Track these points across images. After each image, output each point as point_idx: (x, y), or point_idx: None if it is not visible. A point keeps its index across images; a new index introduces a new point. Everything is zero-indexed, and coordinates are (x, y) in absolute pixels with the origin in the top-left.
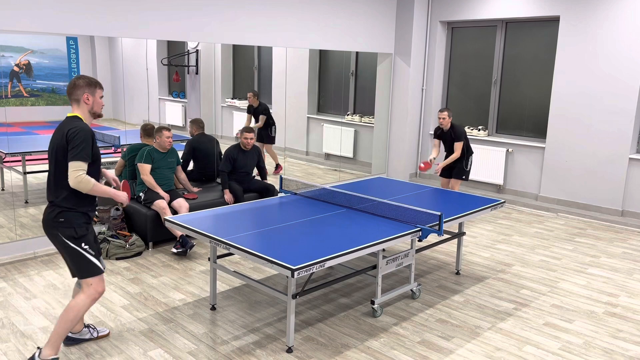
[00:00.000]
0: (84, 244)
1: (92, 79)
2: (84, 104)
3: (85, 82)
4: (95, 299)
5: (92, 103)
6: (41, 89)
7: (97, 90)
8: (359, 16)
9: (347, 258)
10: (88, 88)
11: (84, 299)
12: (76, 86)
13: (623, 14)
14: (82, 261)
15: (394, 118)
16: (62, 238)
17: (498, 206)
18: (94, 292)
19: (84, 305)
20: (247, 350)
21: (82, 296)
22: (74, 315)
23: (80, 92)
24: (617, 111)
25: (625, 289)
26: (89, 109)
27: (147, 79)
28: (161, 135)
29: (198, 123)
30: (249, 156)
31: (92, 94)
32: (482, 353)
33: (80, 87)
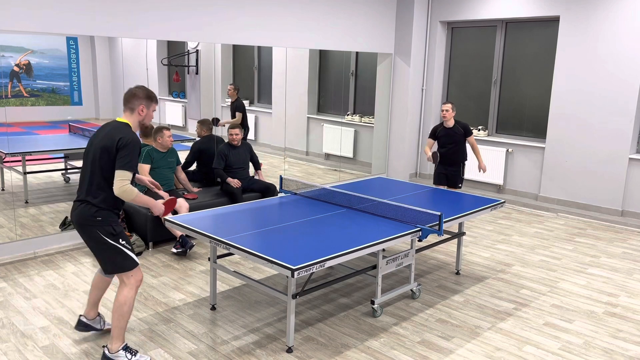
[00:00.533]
0: (121, 240)
1: (151, 92)
2: (138, 114)
3: (144, 94)
4: (139, 286)
5: (145, 115)
6: (41, 89)
7: (153, 104)
8: (359, 16)
9: (347, 258)
10: (146, 100)
11: (130, 291)
12: (135, 96)
13: (623, 14)
14: (121, 256)
15: (394, 118)
16: (101, 235)
17: (498, 206)
18: (135, 282)
19: (132, 297)
20: (247, 350)
21: (126, 289)
22: (128, 308)
23: (137, 102)
24: (617, 111)
25: (625, 289)
26: (140, 120)
27: (147, 79)
28: (162, 135)
29: (207, 124)
30: (241, 152)
31: (148, 107)
32: (482, 353)
33: (139, 97)
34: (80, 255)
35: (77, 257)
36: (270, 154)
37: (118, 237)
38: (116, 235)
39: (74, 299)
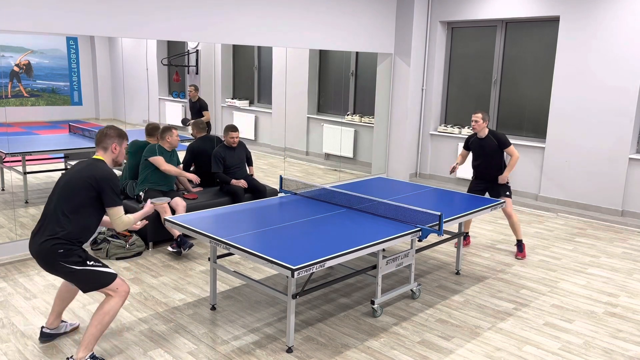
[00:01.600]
0: (88, 262)
1: (121, 130)
2: (111, 152)
3: (116, 133)
4: (126, 297)
5: (117, 153)
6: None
7: (124, 141)
8: (359, 16)
9: (347, 258)
10: (118, 139)
11: (117, 301)
12: (107, 135)
13: (623, 14)
14: (95, 276)
15: (394, 118)
16: (67, 266)
17: (498, 206)
18: (123, 293)
19: (117, 308)
20: (247, 350)
21: (114, 299)
22: (109, 318)
23: (110, 141)
24: (617, 111)
25: (625, 289)
26: (114, 157)
27: (147, 79)
28: (172, 135)
29: (199, 125)
30: (237, 152)
31: (120, 144)
32: (482, 353)
33: (111, 136)
34: None
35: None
36: (270, 154)
37: (85, 260)
38: (82, 260)
39: (74, 299)
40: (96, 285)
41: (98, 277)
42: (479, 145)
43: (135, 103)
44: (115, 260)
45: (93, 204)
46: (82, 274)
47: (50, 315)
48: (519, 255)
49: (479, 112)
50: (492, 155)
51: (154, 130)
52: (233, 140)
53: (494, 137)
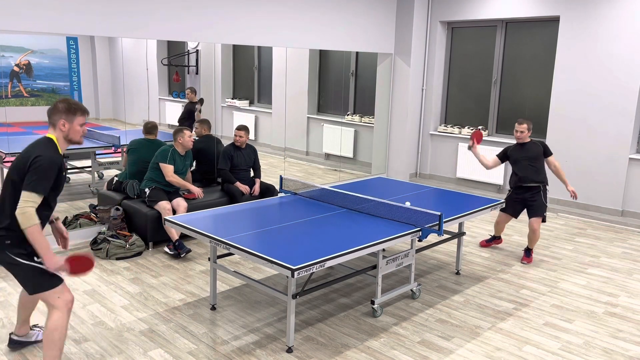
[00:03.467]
0: (36, 257)
1: (73, 104)
2: (60, 129)
3: (64, 108)
4: (70, 308)
5: (67, 130)
6: (41, 89)
7: (77, 117)
8: (359, 16)
9: (347, 258)
10: (66, 114)
11: (60, 315)
12: (55, 110)
13: (623, 14)
14: (39, 275)
15: (394, 118)
16: (12, 257)
17: (498, 206)
18: (64, 304)
19: (63, 322)
20: (247, 350)
21: (57, 313)
22: (59, 334)
23: (57, 117)
24: (617, 111)
25: (625, 289)
26: (64, 135)
27: (147, 79)
28: (183, 136)
29: (208, 124)
30: (245, 154)
31: (69, 120)
32: (482, 353)
33: (59, 111)
34: None
35: None
36: (270, 154)
37: (31, 256)
38: (29, 255)
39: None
40: (38, 286)
41: (41, 276)
42: (522, 149)
43: (135, 103)
44: (115, 260)
45: None
46: (26, 269)
47: (17, 323)
48: (525, 259)
49: (525, 122)
50: (536, 158)
51: (153, 128)
52: (237, 139)
53: (538, 143)
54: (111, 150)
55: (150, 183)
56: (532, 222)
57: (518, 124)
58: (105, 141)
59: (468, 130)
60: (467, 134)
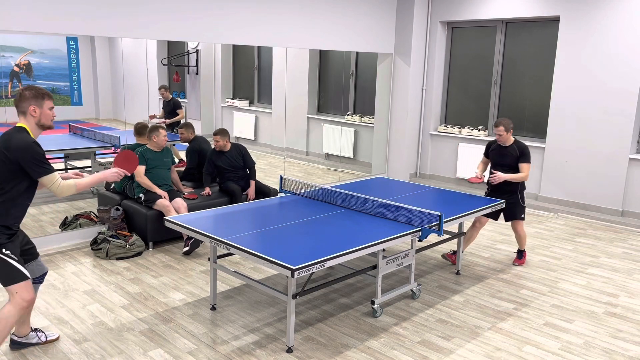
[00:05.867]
0: (4, 250)
1: (40, 89)
2: (31, 116)
3: (31, 94)
4: (24, 307)
5: (39, 115)
6: None
7: (45, 101)
8: (359, 16)
9: (347, 258)
10: (35, 100)
11: (10, 309)
12: (22, 97)
13: (623, 14)
14: (4, 267)
15: (394, 118)
16: None
17: (498, 206)
18: (20, 301)
19: (11, 316)
20: (247, 350)
21: (8, 306)
22: (3, 326)
23: (26, 104)
24: (617, 111)
25: (625, 289)
26: (36, 122)
27: (147, 79)
28: (159, 135)
29: (192, 127)
30: (229, 156)
31: (39, 105)
32: (482, 353)
33: (27, 98)
34: (80, 256)
35: (77, 257)
36: (270, 154)
37: (1, 247)
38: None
39: (73, 299)
40: (2, 279)
41: (5, 268)
42: (499, 154)
43: (135, 103)
44: (115, 260)
45: (14, 177)
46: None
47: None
48: (517, 261)
49: (501, 123)
50: (511, 166)
51: (142, 129)
52: (217, 144)
53: (517, 148)
54: (111, 150)
55: (142, 188)
56: (513, 224)
57: (495, 127)
58: (105, 141)
59: (468, 130)
60: (467, 134)
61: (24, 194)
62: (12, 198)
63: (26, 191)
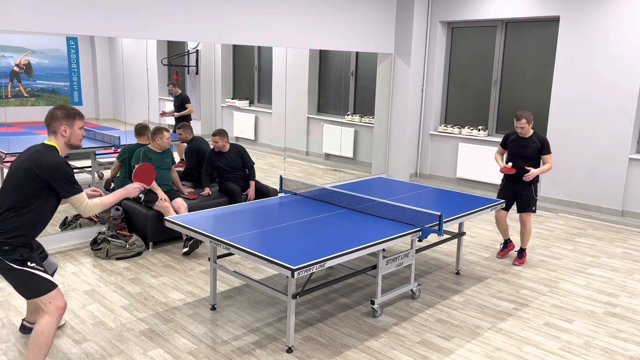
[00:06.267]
0: (29, 263)
1: (71, 109)
2: (62, 135)
3: (63, 114)
4: (61, 315)
5: (69, 135)
6: (41, 89)
7: (76, 121)
8: (359, 16)
9: (347, 258)
10: (66, 120)
11: (49, 320)
12: (54, 117)
13: (623, 14)
14: (33, 280)
15: (394, 118)
16: (6, 262)
17: (498, 206)
18: (55, 309)
19: (51, 327)
20: (247, 350)
21: (46, 317)
22: (45, 339)
23: (57, 124)
24: (617, 111)
25: (625, 289)
26: (66, 141)
27: (147, 79)
28: (162, 137)
29: (190, 127)
30: (228, 156)
31: (70, 126)
32: (482, 353)
33: (58, 118)
34: (80, 256)
35: (77, 257)
36: (270, 154)
37: (25, 261)
38: (23, 261)
39: (73, 299)
40: (31, 291)
41: (34, 281)
42: (519, 146)
43: (136, 103)
44: (115, 260)
45: (41, 195)
46: (19, 274)
47: (27, 311)
48: (517, 261)
49: (522, 116)
50: (531, 157)
51: (143, 129)
52: (215, 145)
53: (538, 140)
54: (111, 150)
55: None
56: (523, 215)
57: (516, 120)
58: (105, 141)
59: (468, 130)
60: (467, 134)
61: (48, 211)
62: (35, 214)
63: (50, 209)
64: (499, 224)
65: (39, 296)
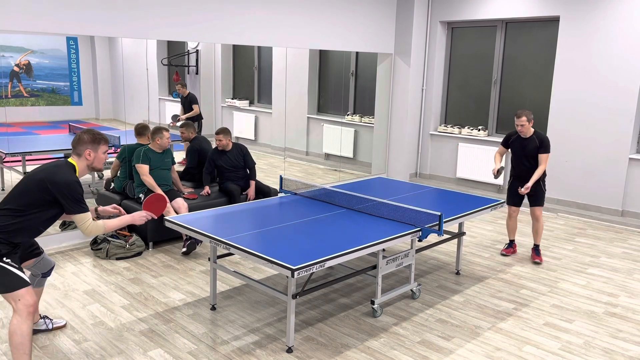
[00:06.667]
0: (5, 258)
1: (97, 135)
2: (85, 159)
3: (89, 139)
4: (31, 312)
5: (93, 159)
6: (41, 89)
7: (101, 146)
8: (359, 16)
9: (347, 258)
10: (92, 145)
11: (19, 319)
12: (80, 141)
13: (623, 14)
14: (4, 275)
15: (394, 118)
16: None
17: (498, 206)
18: (24, 307)
19: (23, 325)
20: (247, 350)
21: (16, 317)
22: (20, 338)
23: (83, 147)
24: (617, 111)
25: (625, 289)
26: (89, 164)
27: (147, 79)
28: (162, 137)
29: (193, 126)
30: (231, 156)
31: (94, 150)
32: (482, 353)
33: (85, 142)
34: (80, 256)
35: (77, 257)
36: (270, 154)
37: (1, 257)
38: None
39: (73, 299)
40: (5, 287)
41: (6, 276)
42: (521, 146)
43: (136, 103)
44: (115, 260)
45: (45, 207)
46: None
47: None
48: (537, 258)
49: (522, 114)
50: (533, 156)
51: (143, 129)
52: (218, 143)
53: (537, 139)
54: (111, 151)
55: (142, 187)
56: (534, 210)
57: (516, 118)
58: None
59: (468, 130)
60: (467, 134)
61: (43, 222)
62: (30, 220)
63: (47, 220)
64: (509, 219)
65: (8, 292)
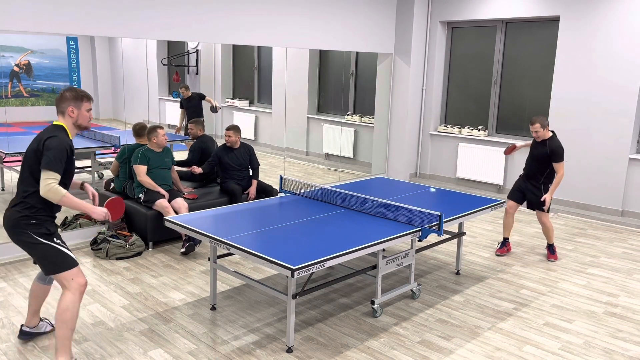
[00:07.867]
0: (56, 239)
1: (80, 92)
2: (69, 116)
3: (71, 95)
4: (82, 292)
5: (76, 116)
6: (41, 89)
7: (84, 103)
8: (359, 16)
9: (347, 258)
10: (74, 101)
11: (71, 296)
12: (62, 98)
13: (623, 14)
14: (58, 256)
15: (394, 118)
16: (34, 237)
17: (498, 206)
18: (77, 286)
19: (74, 303)
20: (247, 350)
21: (68, 294)
22: (70, 315)
23: (65, 104)
24: (617, 111)
25: (625, 289)
26: (74, 122)
27: (147, 79)
28: (157, 135)
29: (202, 124)
30: (238, 154)
31: (77, 107)
32: (482, 353)
33: (67, 99)
34: (80, 255)
35: (77, 257)
36: (270, 154)
37: (52, 236)
38: (50, 235)
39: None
40: (54, 266)
41: (58, 257)
42: (534, 146)
43: (136, 103)
44: (115, 260)
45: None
46: (44, 249)
47: (27, 314)
48: (551, 257)
49: (536, 121)
50: (540, 160)
51: (142, 129)
52: (226, 140)
53: (548, 146)
54: (111, 150)
55: (142, 187)
56: (539, 215)
57: (531, 125)
58: (105, 141)
59: (468, 130)
60: (467, 134)
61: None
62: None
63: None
64: (506, 215)
65: (61, 272)
